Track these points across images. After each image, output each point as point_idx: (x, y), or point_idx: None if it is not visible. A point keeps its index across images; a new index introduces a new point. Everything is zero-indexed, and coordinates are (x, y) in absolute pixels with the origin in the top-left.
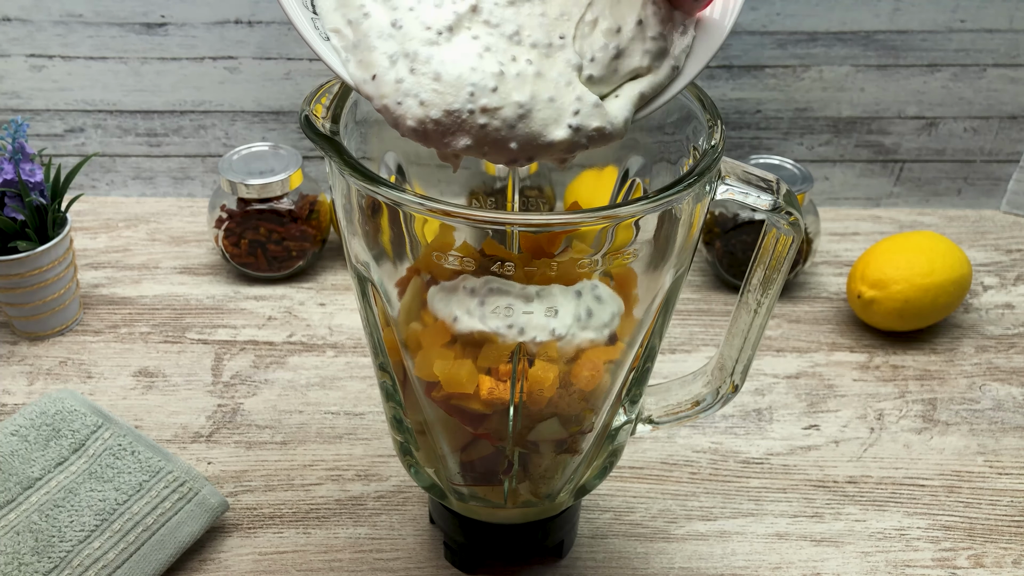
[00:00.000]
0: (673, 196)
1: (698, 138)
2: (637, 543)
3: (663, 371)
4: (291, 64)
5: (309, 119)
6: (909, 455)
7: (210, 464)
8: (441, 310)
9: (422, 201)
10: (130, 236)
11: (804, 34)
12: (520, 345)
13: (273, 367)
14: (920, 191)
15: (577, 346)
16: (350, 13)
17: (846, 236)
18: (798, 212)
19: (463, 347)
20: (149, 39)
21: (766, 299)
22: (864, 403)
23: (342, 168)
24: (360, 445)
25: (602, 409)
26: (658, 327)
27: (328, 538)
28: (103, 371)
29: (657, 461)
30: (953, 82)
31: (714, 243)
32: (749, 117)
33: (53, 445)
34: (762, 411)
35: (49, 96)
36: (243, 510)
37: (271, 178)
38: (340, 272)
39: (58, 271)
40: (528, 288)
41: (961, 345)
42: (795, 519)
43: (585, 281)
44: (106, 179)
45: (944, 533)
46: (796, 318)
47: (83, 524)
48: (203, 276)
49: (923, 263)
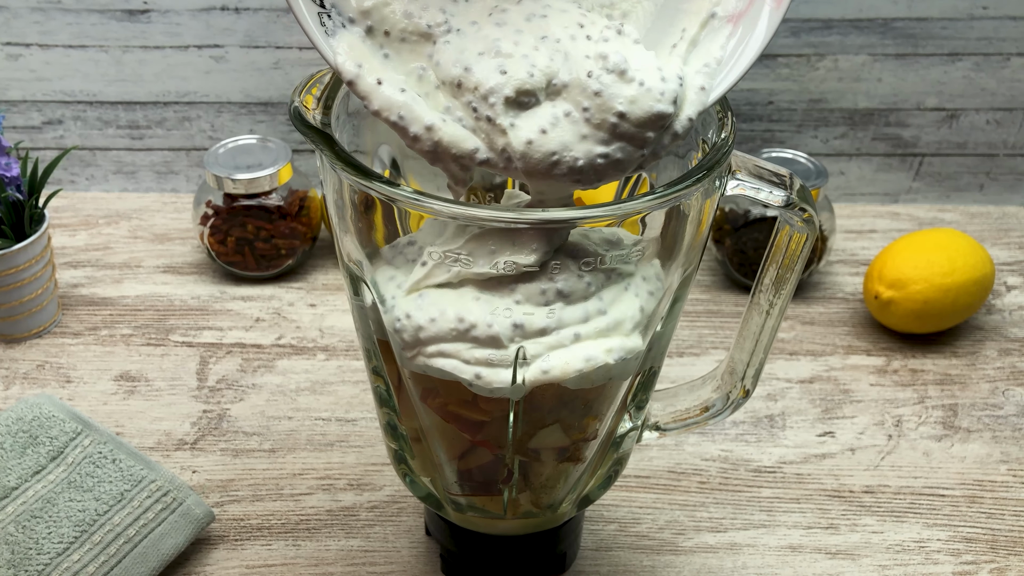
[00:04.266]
0: (681, 191)
1: (707, 131)
2: (643, 556)
3: (670, 375)
4: (280, 53)
5: (299, 111)
6: (929, 463)
7: (195, 473)
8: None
9: (418, 197)
10: (111, 233)
11: (819, 21)
12: (520, 347)
13: (261, 371)
14: (940, 186)
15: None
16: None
17: (862, 234)
18: (812, 208)
19: None
20: (131, 26)
21: (779, 300)
22: (881, 409)
23: (334, 162)
24: (352, 453)
25: (606, 415)
26: (665, 329)
27: (319, 550)
28: (82, 375)
29: (664, 470)
30: (975, 72)
31: (724, 241)
32: (761, 109)
33: (30, 453)
34: (774, 417)
35: (26, 86)
36: (229, 521)
37: (259, 172)
38: (332, 271)
39: (35, 270)
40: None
41: (983, 348)
42: (809, 531)
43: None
44: (86, 173)
45: (965, 545)
46: (810, 320)
47: (62, 536)
48: (188, 275)
49: (943, 262)
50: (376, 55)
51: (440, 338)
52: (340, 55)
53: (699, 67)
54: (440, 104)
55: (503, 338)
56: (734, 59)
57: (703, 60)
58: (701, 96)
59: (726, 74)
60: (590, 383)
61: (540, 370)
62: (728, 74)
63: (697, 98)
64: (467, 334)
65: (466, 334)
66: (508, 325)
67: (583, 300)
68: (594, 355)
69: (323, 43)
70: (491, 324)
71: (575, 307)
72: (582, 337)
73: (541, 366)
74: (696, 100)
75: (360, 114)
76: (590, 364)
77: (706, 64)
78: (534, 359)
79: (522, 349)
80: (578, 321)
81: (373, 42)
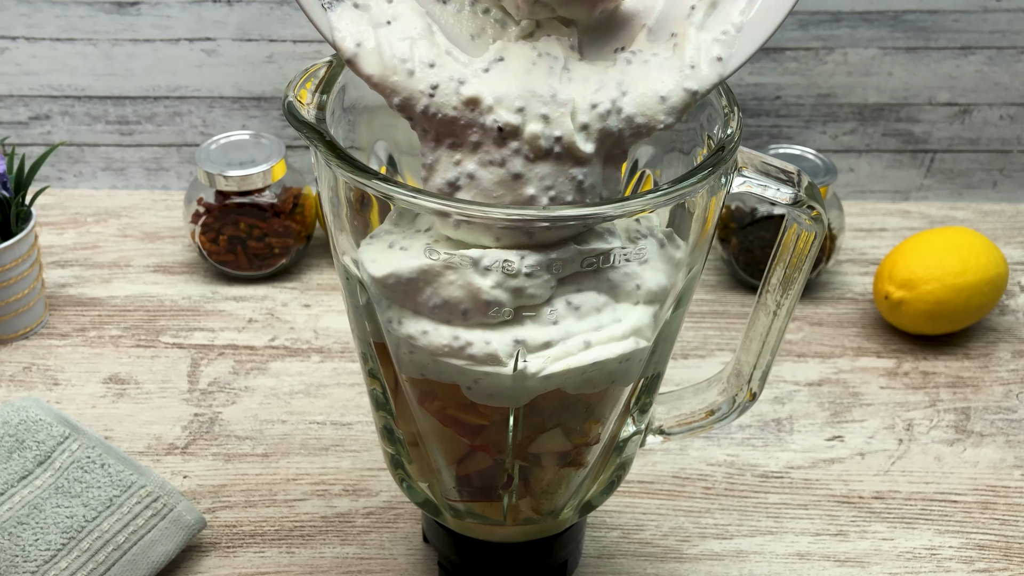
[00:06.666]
0: (686, 188)
1: (713, 126)
2: (647, 563)
3: (675, 378)
4: (273, 46)
5: (293, 105)
6: (940, 468)
7: (186, 478)
8: None
9: (415, 194)
10: (100, 232)
11: (827, 14)
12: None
13: (254, 373)
14: (952, 183)
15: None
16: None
17: (872, 232)
18: (821, 206)
19: None
20: (120, 19)
21: (786, 300)
22: (892, 412)
23: (329, 158)
24: (348, 457)
25: (609, 419)
26: (670, 330)
27: (313, 558)
28: (70, 378)
29: (668, 475)
30: (988, 66)
31: (730, 239)
32: (768, 104)
33: (16, 457)
34: (782, 421)
35: (12, 80)
36: (221, 528)
37: (252, 169)
38: (326, 271)
39: (22, 269)
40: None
41: (996, 350)
42: (817, 537)
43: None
44: (74, 170)
45: (978, 553)
46: (818, 320)
47: (49, 543)
48: (178, 275)
49: (955, 261)
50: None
51: (433, 352)
52: (339, 31)
53: (717, 35)
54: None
55: (502, 355)
56: (755, 25)
57: (721, 27)
58: (717, 67)
59: (745, 43)
60: (592, 387)
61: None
62: (748, 42)
63: (712, 70)
64: (462, 352)
65: (461, 352)
66: (508, 341)
67: (595, 312)
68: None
69: (320, 17)
70: (489, 341)
71: (584, 320)
72: (593, 344)
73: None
74: (711, 73)
75: (356, 109)
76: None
77: (724, 32)
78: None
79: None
80: (589, 329)
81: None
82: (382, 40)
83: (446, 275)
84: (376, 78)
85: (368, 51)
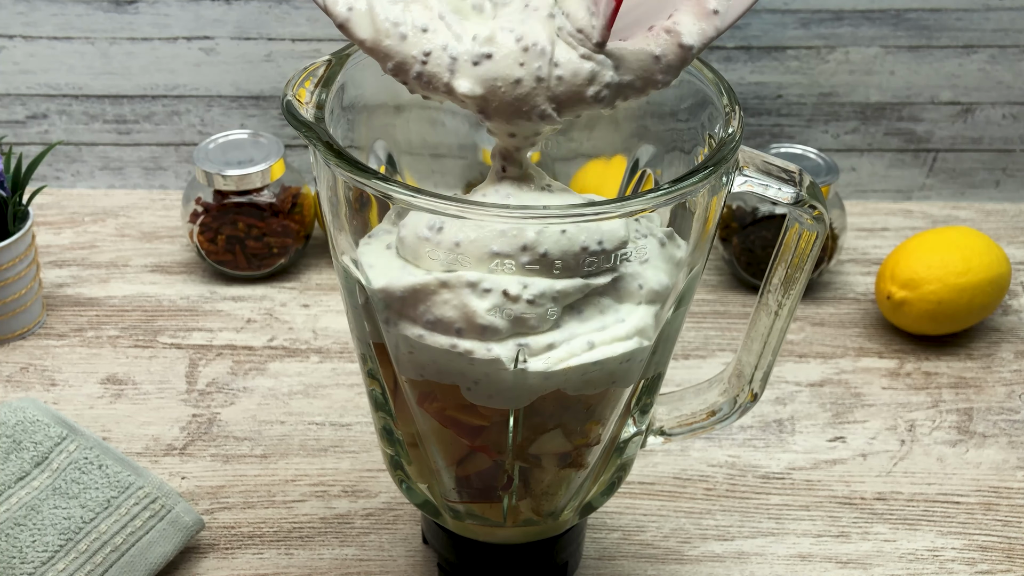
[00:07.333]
0: (687, 188)
1: (714, 125)
2: (648, 565)
3: (676, 378)
4: (272, 45)
5: (292, 104)
6: (943, 470)
7: (184, 479)
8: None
9: (414, 194)
10: (97, 231)
11: (829, 12)
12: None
13: (252, 374)
14: (955, 183)
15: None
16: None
17: (874, 232)
18: (822, 206)
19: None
20: (118, 18)
21: (788, 300)
22: (894, 413)
23: (327, 157)
24: (347, 459)
25: (610, 420)
26: (671, 330)
27: (312, 559)
28: (68, 378)
29: (669, 476)
30: (991, 65)
31: (731, 239)
32: (769, 103)
33: (14, 458)
34: (783, 422)
35: (9, 79)
36: (220, 529)
37: (250, 168)
38: (325, 271)
39: (19, 269)
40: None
41: (999, 350)
42: (819, 539)
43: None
44: (71, 169)
45: (981, 554)
46: (820, 321)
47: (46, 544)
48: (176, 275)
49: (958, 261)
50: None
51: (433, 352)
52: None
53: None
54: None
55: (504, 360)
56: None
57: None
58: (713, 20)
59: None
60: (593, 388)
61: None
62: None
63: (708, 24)
64: (463, 356)
65: (461, 356)
66: (511, 346)
67: (599, 313)
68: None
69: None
70: (490, 348)
71: (588, 321)
72: (597, 344)
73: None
74: (708, 26)
75: (355, 108)
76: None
77: None
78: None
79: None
80: (593, 330)
81: None
82: (374, 3)
83: (440, 294)
84: (369, 43)
85: (360, 14)
